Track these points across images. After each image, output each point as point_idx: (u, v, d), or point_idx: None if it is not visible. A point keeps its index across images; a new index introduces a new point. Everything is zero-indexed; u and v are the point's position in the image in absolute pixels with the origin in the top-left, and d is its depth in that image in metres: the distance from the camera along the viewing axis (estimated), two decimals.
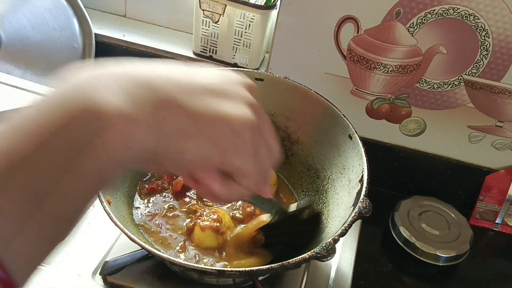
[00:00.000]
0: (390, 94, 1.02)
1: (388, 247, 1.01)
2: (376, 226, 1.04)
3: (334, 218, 0.76)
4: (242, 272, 0.63)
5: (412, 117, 1.04)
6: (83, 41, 1.22)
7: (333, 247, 0.65)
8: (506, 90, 0.96)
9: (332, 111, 0.84)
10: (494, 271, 1.01)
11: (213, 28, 1.15)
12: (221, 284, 0.77)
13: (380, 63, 0.98)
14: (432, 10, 0.91)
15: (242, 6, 1.09)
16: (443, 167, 1.08)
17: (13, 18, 1.17)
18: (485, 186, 1.06)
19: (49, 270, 0.76)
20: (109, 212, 0.66)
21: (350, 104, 1.04)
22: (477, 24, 0.91)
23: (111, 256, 0.77)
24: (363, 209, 0.69)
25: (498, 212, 1.07)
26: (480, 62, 0.95)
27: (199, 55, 1.20)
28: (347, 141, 0.81)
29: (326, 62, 1.01)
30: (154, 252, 0.64)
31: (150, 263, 0.76)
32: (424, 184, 1.11)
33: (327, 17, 0.96)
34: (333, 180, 0.82)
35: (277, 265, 0.63)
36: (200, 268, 0.63)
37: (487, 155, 1.05)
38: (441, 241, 0.97)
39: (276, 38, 1.02)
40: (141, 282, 0.74)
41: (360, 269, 0.93)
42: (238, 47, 1.16)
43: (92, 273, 0.76)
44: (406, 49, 0.96)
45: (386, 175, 1.11)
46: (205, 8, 1.13)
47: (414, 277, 0.98)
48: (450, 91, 0.99)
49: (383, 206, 1.02)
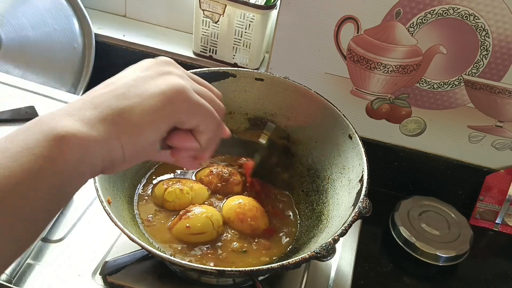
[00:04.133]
0: (390, 94, 1.02)
1: (388, 247, 1.01)
2: (376, 226, 1.04)
3: (334, 218, 0.76)
4: (242, 272, 0.63)
5: (412, 117, 1.04)
6: (83, 41, 1.22)
7: (333, 247, 0.65)
8: (506, 90, 0.96)
9: (332, 111, 0.84)
10: (494, 271, 1.01)
11: (213, 28, 1.15)
12: (221, 284, 0.77)
13: (380, 63, 0.98)
14: (432, 10, 0.91)
15: (242, 6, 1.09)
16: (443, 167, 1.08)
17: (13, 18, 1.17)
18: (485, 186, 1.06)
19: (49, 270, 0.76)
20: (109, 212, 0.66)
21: (350, 104, 1.04)
22: (477, 24, 0.91)
23: (111, 256, 0.77)
24: (363, 209, 0.69)
25: (498, 212, 1.07)
26: (480, 62, 0.95)
27: (199, 55, 1.20)
28: (347, 141, 0.81)
29: (326, 62, 1.01)
30: (154, 252, 0.64)
31: (150, 263, 0.76)
32: (424, 184, 1.11)
33: (327, 17, 0.96)
34: (333, 180, 0.82)
35: (277, 265, 0.63)
36: (200, 268, 0.63)
37: (487, 155, 1.05)
38: (441, 241, 0.97)
39: (276, 38, 1.02)
40: (141, 282, 0.74)
41: (360, 269, 0.93)
42: (238, 47, 1.16)
43: (92, 273, 0.76)
44: (406, 49, 0.96)
45: (386, 175, 1.11)
46: (205, 8, 1.13)
47: (414, 277, 0.98)
48: (450, 91, 0.99)
49: (383, 206, 1.02)
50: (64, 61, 1.21)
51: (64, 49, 1.21)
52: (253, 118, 0.92)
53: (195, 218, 0.76)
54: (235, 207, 0.80)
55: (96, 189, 0.68)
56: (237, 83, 0.89)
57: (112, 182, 0.75)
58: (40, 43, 1.18)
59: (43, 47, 1.19)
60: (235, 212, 0.79)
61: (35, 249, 0.77)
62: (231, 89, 0.89)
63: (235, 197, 0.82)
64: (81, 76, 1.22)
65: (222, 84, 0.89)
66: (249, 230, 0.78)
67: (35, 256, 0.77)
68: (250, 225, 0.78)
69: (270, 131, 0.78)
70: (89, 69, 1.22)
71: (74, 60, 1.21)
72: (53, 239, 0.80)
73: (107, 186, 0.73)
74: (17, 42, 1.17)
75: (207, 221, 0.76)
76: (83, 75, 1.22)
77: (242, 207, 0.79)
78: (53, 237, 0.80)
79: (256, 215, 0.79)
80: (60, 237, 0.80)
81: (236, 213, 0.79)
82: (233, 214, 0.79)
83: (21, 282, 0.73)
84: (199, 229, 0.75)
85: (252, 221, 0.78)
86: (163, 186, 0.81)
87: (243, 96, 0.90)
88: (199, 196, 0.81)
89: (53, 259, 0.77)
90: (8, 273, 0.71)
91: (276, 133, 0.81)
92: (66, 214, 0.84)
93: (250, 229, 0.78)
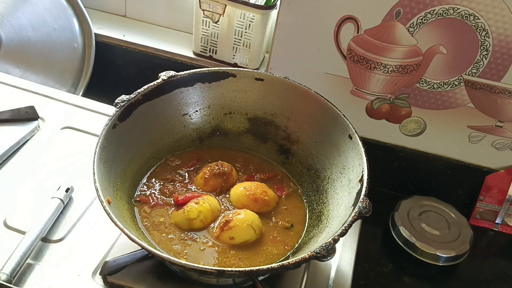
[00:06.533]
0: (390, 94, 1.02)
1: (388, 247, 1.01)
2: (376, 226, 1.04)
3: (334, 218, 0.76)
4: (242, 272, 0.63)
5: (412, 117, 1.04)
6: (83, 41, 1.22)
7: (333, 247, 0.65)
8: (506, 90, 0.96)
9: (332, 111, 0.84)
10: (494, 271, 1.01)
11: (213, 28, 1.15)
12: (221, 284, 0.77)
13: (380, 63, 0.98)
14: (432, 10, 0.91)
15: (242, 6, 1.09)
16: (443, 167, 1.08)
17: (13, 18, 1.17)
18: (485, 186, 1.06)
19: (49, 270, 0.76)
20: (109, 212, 0.66)
21: (350, 104, 1.04)
22: (477, 24, 0.91)
23: (111, 256, 0.77)
24: (363, 209, 0.69)
25: (498, 212, 1.07)
26: (480, 62, 0.95)
27: (199, 55, 1.20)
28: (347, 141, 0.81)
29: (326, 62, 1.01)
30: (154, 252, 0.64)
31: (150, 263, 0.76)
32: (424, 184, 1.11)
33: (327, 17, 0.96)
34: (333, 180, 0.82)
35: (277, 265, 0.63)
36: (200, 268, 0.63)
37: (487, 155, 1.05)
38: (441, 241, 0.98)
39: (276, 38, 1.02)
40: (141, 282, 0.74)
41: (360, 269, 0.93)
42: (238, 47, 1.16)
43: (92, 273, 0.76)
44: (406, 49, 0.96)
45: (386, 175, 1.11)
46: (205, 8, 1.13)
47: (414, 277, 0.98)
48: (450, 91, 0.99)
49: (383, 206, 1.02)
50: (64, 61, 1.21)
51: (64, 49, 1.21)
52: (253, 118, 0.92)
53: (237, 229, 0.77)
54: (243, 193, 0.83)
55: (96, 189, 0.68)
56: (237, 83, 0.89)
57: (112, 182, 0.75)
58: (40, 43, 1.18)
59: (43, 47, 1.19)
60: (246, 196, 0.82)
61: (35, 249, 0.77)
62: (231, 89, 0.89)
63: (237, 186, 0.85)
64: (81, 76, 1.22)
65: (222, 84, 0.89)
66: (265, 206, 0.82)
67: (35, 256, 0.77)
68: (264, 200, 0.82)
69: None
70: (89, 69, 1.22)
71: (74, 60, 1.21)
72: (53, 239, 0.80)
73: (107, 186, 0.73)
74: (17, 42, 1.17)
75: (249, 230, 0.77)
76: (83, 75, 1.22)
77: (249, 189, 0.83)
78: (53, 237, 0.80)
79: (264, 189, 0.83)
80: (60, 237, 0.80)
81: (246, 196, 0.82)
82: (244, 198, 0.82)
83: (21, 282, 0.73)
84: (243, 239, 0.77)
85: (266, 197, 0.82)
86: (178, 211, 0.80)
87: (243, 96, 0.90)
88: (211, 201, 0.81)
89: (53, 259, 0.77)
90: (8, 273, 0.71)
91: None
92: (66, 214, 0.84)
93: (265, 203, 0.82)
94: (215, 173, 0.84)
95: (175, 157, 0.89)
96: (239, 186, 0.84)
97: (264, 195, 0.82)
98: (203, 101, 0.90)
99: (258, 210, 0.81)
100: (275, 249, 0.78)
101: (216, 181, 0.84)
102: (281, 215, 0.83)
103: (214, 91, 0.89)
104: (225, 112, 0.91)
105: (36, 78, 1.17)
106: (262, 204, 0.82)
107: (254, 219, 0.78)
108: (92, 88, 1.22)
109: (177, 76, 0.85)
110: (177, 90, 0.87)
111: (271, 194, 0.84)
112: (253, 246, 0.77)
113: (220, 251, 0.75)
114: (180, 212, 0.79)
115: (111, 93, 0.89)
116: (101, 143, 0.74)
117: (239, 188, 0.84)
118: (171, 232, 0.77)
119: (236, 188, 0.84)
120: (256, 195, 0.82)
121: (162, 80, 0.84)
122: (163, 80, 0.84)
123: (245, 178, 0.88)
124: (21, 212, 0.83)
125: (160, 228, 0.78)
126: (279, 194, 0.86)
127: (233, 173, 0.87)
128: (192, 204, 0.79)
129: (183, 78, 0.86)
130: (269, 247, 0.78)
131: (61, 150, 0.95)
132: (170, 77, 0.84)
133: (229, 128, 0.93)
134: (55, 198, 0.83)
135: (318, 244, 0.67)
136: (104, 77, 1.25)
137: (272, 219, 0.82)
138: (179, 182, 0.85)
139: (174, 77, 0.85)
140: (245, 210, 0.80)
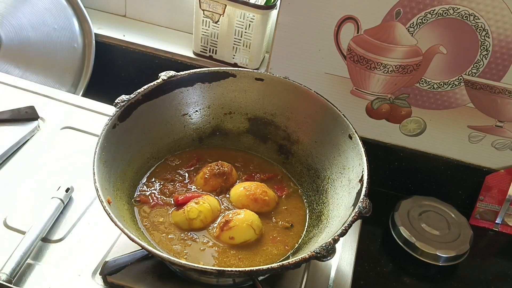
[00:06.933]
0: (390, 94, 1.02)
1: (388, 247, 1.01)
2: (376, 226, 1.04)
3: (334, 218, 0.76)
4: (242, 272, 0.63)
5: (412, 117, 1.04)
6: (83, 41, 1.22)
7: (333, 247, 0.65)
8: (506, 90, 0.96)
9: (332, 111, 0.84)
10: (494, 271, 1.01)
11: (213, 28, 1.15)
12: (221, 284, 0.77)
13: (380, 63, 0.98)
14: (432, 10, 0.91)
15: (242, 6, 1.09)
16: (443, 167, 1.08)
17: (13, 18, 1.17)
18: (485, 186, 1.06)
19: (49, 270, 0.76)
20: (109, 212, 0.66)
21: (350, 104, 1.04)
22: (477, 24, 0.91)
23: (111, 256, 0.77)
24: (363, 209, 0.69)
25: (498, 212, 1.07)
26: (480, 62, 0.95)
27: (199, 55, 1.20)
28: (347, 141, 0.81)
29: (326, 62, 1.01)
30: (154, 252, 0.64)
31: (150, 263, 0.76)
32: (424, 184, 1.11)
33: (327, 17, 0.96)
34: (333, 180, 0.82)
35: (277, 265, 0.63)
36: (200, 268, 0.63)
37: (487, 155, 1.05)
38: (441, 241, 0.98)
39: (276, 38, 1.02)
40: (141, 282, 0.74)
41: (360, 269, 0.93)
42: (238, 47, 1.16)
43: (92, 273, 0.76)
44: (406, 49, 0.96)
45: (386, 175, 1.11)
46: (205, 8, 1.13)
47: (414, 277, 0.98)
48: (450, 91, 0.99)
49: (383, 206, 1.02)
50: (64, 61, 1.21)
51: (64, 49, 1.21)
52: (253, 118, 0.92)
53: (237, 229, 0.77)
54: (243, 193, 0.83)
55: (96, 189, 0.68)
56: (237, 83, 0.89)
57: (112, 182, 0.75)
58: (40, 43, 1.18)
59: (43, 47, 1.19)
60: (246, 196, 0.82)
61: (35, 249, 0.77)
62: (231, 89, 0.89)
63: (237, 186, 0.85)
64: (81, 76, 1.22)
65: (222, 84, 0.89)
66: (265, 206, 0.82)
67: (35, 256, 0.77)
68: (264, 200, 0.82)
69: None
70: (89, 69, 1.22)
71: (74, 60, 1.21)
72: (53, 239, 0.80)
73: (107, 186, 0.73)
74: (17, 42, 1.17)
75: (249, 230, 0.77)
76: (83, 75, 1.22)
77: (249, 189, 0.83)
78: (53, 237, 0.80)
79: (264, 189, 0.83)
80: (60, 237, 0.80)
81: (246, 196, 0.82)
82: (244, 198, 0.82)
83: (21, 282, 0.73)
84: (243, 239, 0.77)
85: (265, 197, 0.82)
86: (178, 211, 0.80)
87: (243, 96, 0.90)
88: (211, 201, 0.81)
89: (53, 259, 0.77)
90: (8, 273, 0.71)
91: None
92: (66, 214, 0.84)
93: (265, 203, 0.82)
94: (215, 173, 0.84)
95: (175, 157, 0.89)
96: (239, 186, 0.84)
97: (264, 195, 0.82)
98: (203, 101, 0.90)
99: (258, 210, 0.81)
100: (275, 249, 0.78)
101: (216, 181, 0.84)
102: (281, 215, 0.83)
103: (214, 91, 0.89)
104: (225, 112, 0.91)
105: (36, 78, 1.17)
106: (262, 204, 0.82)
107: (254, 219, 0.78)
108: (92, 88, 1.22)
109: (177, 76, 0.85)
110: (177, 90, 0.87)
111: (271, 194, 0.84)
112: (253, 246, 0.77)
113: (220, 251, 0.75)
114: (180, 212, 0.79)
115: (111, 93, 0.89)
116: (101, 143, 0.74)
117: (239, 188, 0.84)
118: (171, 232, 0.77)
119: (236, 188, 0.84)
120: (256, 195, 0.82)
121: (162, 80, 0.84)
122: (163, 80, 0.84)
123: (245, 178, 0.88)
124: (21, 212, 0.83)
125: (160, 228, 0.78)
126: (279, 194, 0.86)
127: (233, 173, 0.87)
128: (192, 204, 0.79)
129: (183, 78, 0.86)
130: (269, 247, 0.78)
131: (61, 150, 0.95)
132: (170, 77, 0.84)
133: (229, 128, 0.93)
134: (55, 198, 0.83)
135: (318, 244, 0.67)
136: (104, 77, 1.25)
137: (272, 219, 0.82)
138: (179, 182, 0.85)
139: (174, 77, 0.85)
140: (245, 210, 0.80)
